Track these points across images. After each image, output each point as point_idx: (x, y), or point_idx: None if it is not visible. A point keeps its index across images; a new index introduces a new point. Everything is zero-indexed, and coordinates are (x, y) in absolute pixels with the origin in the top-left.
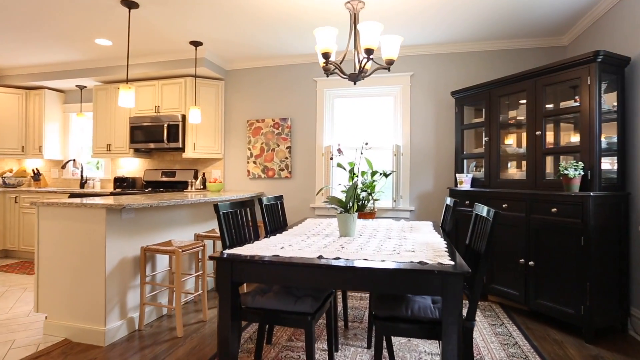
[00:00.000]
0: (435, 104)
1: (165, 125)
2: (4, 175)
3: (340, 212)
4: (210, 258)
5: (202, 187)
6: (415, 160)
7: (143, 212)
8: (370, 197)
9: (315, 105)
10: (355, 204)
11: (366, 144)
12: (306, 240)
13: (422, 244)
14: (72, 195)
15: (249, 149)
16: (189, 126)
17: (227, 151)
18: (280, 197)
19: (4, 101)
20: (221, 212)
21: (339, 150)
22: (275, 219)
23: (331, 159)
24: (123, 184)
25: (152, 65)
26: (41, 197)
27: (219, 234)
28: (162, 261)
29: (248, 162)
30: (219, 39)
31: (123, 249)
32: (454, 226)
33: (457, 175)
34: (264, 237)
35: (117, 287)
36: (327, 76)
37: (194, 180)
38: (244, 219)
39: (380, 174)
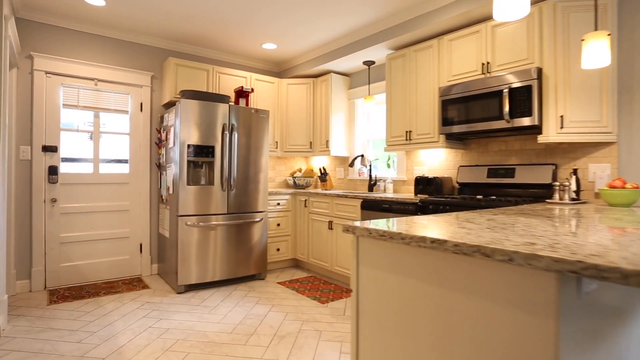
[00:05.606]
0: None
1: (506, 90)
2: (294, 175)
3: None
4: None
5: (575, 195)
6: None
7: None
8: None
9: None
10: None
11: None
12: None
13: None
14: (366, 202)
15: None
16: (552, 87)
17: (622, 129)
18: None
19: (295, 94)
20: None
21: None
22: None
23: None
24: (427, 187)
25: None
26: (330, 202)
27: None
28: None
29: None
30: None
31: None
32: None
33: None
34: None
35: None
36: None
37: (566, 183)
38: None
39: None
